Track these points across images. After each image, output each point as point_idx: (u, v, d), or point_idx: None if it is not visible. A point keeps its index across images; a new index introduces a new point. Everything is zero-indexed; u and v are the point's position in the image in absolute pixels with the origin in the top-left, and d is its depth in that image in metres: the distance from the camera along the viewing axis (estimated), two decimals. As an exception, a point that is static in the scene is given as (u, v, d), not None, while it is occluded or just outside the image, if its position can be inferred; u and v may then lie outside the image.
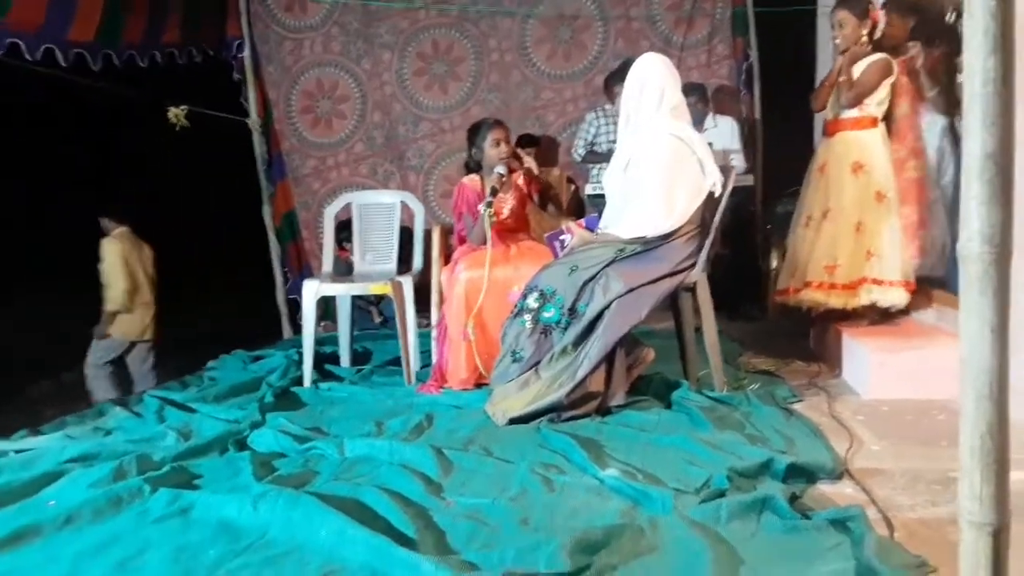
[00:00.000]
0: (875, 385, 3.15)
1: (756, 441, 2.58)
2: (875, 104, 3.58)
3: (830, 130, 3.69)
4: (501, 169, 3.62)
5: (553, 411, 2.93)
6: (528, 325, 3.10)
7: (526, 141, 5.72)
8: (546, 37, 6.04)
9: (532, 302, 3.13)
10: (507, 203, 3.76)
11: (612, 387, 3.01)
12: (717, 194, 3.21)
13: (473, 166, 3.76)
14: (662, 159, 3.15)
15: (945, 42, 3.61)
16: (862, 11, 3.56)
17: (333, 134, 6.21)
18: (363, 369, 4.14)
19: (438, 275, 3.81)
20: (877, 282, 3.49)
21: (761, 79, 5.98)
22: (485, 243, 3.50)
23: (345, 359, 4.33)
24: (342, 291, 4.05)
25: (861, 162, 3.55)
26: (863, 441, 2.59)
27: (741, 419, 2.85)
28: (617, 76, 4.85)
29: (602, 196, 5.24)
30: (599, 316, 3.00)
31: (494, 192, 3.56)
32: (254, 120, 6.00)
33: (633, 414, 2.97)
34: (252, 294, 6.06)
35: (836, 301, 3.54)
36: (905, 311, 3.62)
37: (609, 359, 2.99)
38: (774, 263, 5.19)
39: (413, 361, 3.83)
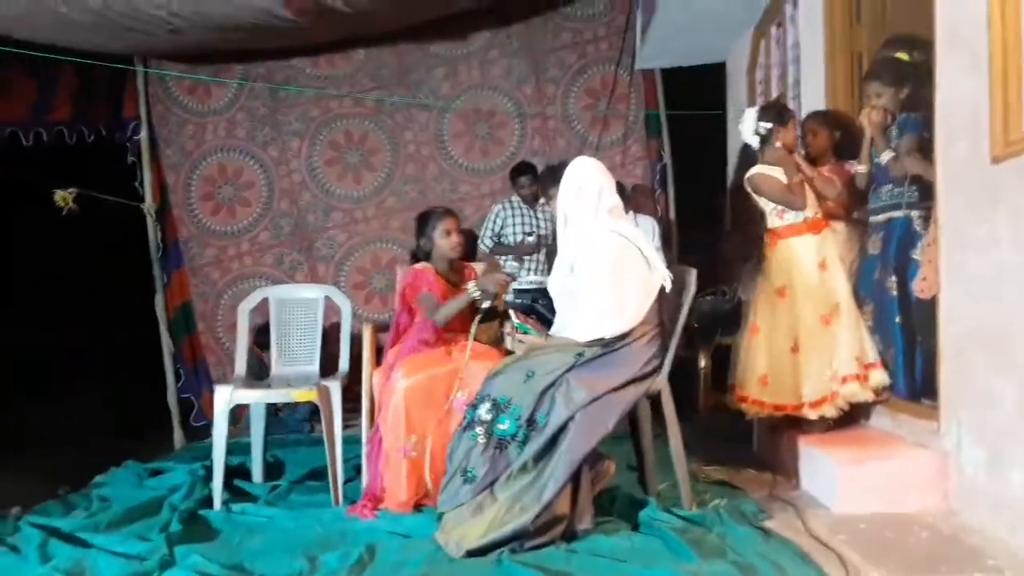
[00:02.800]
0: (844, 498, 3.00)
1: (746, 571, 2.36)
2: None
3: (816, 226, 3.54)
4: (487, 302, 3.42)
5: (517, 539, 2.62)
6: (480, 440, 2.81)
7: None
8: (463, 132, 5.96)
9: (484, 413, 2.85)
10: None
11: (579, 509, 2.73)
12: (668, 289, 3.07)
13: (422, 256, 3.53)
14: (608, 258, 3.00)
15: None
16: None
17: (235, 221, 5.84)
18: (279, 485, 3.66)
19: (369, 380, 3.47)
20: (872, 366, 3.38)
21: (674, 179, 6.06)
22: (444, 322, 3.37)
23: (257, 473, 3.85)
24: (259, 398, 3.62)
25: (843, 254, 3.57)
26: (858, 569, 2.40)
27: (719, 542, 2.62)
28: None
29: (522, 291, 5.12)
30: (562, 429, 2.75)
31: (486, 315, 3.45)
32: (149, 205, 5.57)
33: (603, 539, 2.69)
34: (139, 390, 5.50)
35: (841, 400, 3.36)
36: (857, 418, 3.53)
37: (575, 477, 2.72)
38: (702, 362, 5.11)
39: (340, 476, 3.44)
